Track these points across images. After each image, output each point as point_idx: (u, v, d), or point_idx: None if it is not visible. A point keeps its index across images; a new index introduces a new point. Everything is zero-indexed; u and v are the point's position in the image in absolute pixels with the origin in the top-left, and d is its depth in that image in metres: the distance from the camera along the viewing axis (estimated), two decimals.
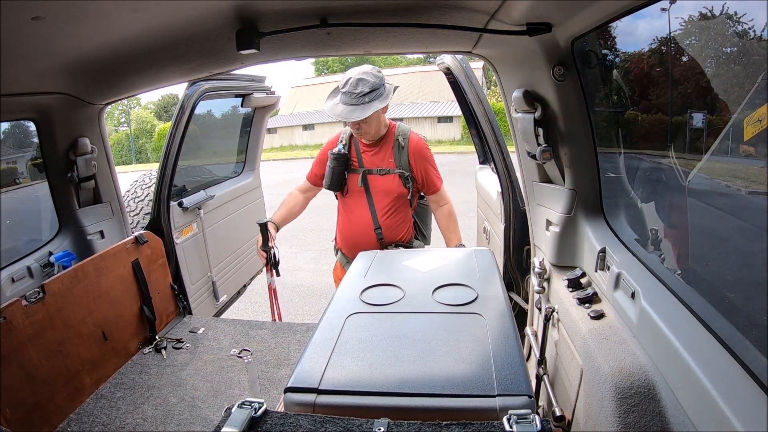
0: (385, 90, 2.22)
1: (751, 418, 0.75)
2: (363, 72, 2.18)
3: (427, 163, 2.38)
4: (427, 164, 2.38)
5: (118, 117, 36.54)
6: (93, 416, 1.72)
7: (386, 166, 2.35)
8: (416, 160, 2.34)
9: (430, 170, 2.38)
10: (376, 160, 2.36)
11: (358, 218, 2.37)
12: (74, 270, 1.89)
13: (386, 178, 2.34)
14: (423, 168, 2.36)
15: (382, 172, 2.35)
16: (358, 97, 2.14)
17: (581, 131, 1.49)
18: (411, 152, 2.34)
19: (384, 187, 2.34)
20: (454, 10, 1.39)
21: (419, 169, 2.35)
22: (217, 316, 3.16)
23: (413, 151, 2.34)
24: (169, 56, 1.76)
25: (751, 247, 1.06)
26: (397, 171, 2.33)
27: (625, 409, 1.05)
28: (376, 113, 2.21)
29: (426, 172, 2.37)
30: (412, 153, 2.34)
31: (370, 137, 2.32)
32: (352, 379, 1.03)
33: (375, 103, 2.15)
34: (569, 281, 1.55)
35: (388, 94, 2.22)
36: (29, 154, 2.28)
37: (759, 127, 0.89)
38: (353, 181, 2.37)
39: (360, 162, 2.38)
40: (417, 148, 2.35)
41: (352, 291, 1.43)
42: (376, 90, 2.17)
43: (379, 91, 2.18)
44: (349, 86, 2.16)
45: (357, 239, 2.37)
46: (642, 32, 1.31)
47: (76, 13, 1.25)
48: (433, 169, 2.40)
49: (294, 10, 1.42)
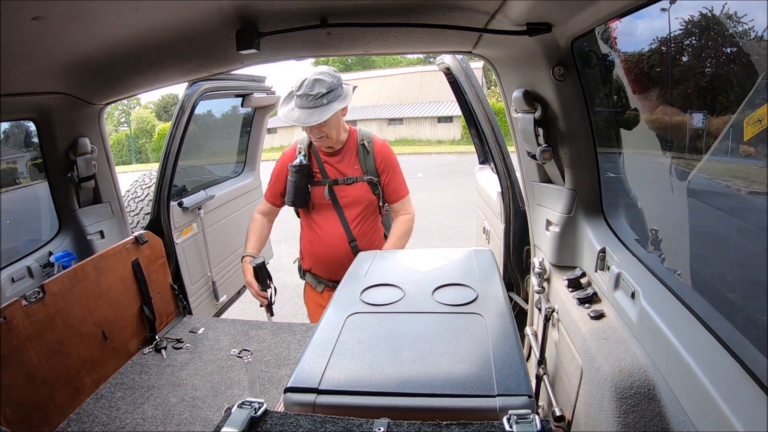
0: (343, 90, 2.08)
1: (751, 418, 0.75)
2: (319, 72, 2.03)
3: (393, 168, 2.25)
4: (394, 172, 2.25)
5: (118, 117, 36.56)
6: (93, 416, 1.72)
7: (353, 173, 2.21)
8: (384, 166, 2.22)
9: (396, 176, 2.26)
10: (340, 168, 2.21)
11: (330, 233, 2.22)
12: (74, 270, 1.89)
13: (354, 186, 2.20)
14: (389, 173, 2.24)
15: (349, 181, 2.20)
16: (315, 99, 1.98)
17: (581, 131, 1.49)
18: (377, 157, 2.22)
19: (353, 197, 2.20)
20: (454, 10, 1.39)
21: (386, 174, 2.23)
22: (217, 316, 3.16)
23: (379, 155, 2.22)
24: (169, 56, 1.76)
25: (751, 247, 1.06)
26: (366, 178, 2.20)
27: (625, 409, 1.05)
28: (337, 117, 2.08)
29: (392, 178, 2.24)
30: (378, 157, 2.22)
31: (332, 143, 2.15)
32: (352, 379, 1.03)
33: (334, 104, 2.00)
34: (569, 281, 1.56)
35: (346, 95, 2.09)
36: (29, 154, 2.28)
37: (759, 127, 0.89)
38: (319, 194, 2.21)
39: (323, 172, 2.21)
40: (383, 153, 2.23)
41: (352, 291, 1.43)
42: (334, 91, 2.02)
43: (336, 92, 2.03)
44: (304, 88, 1.99)
45: (331, 256, 2.22)
46: (642, 32, 1.31)
47: (76, 13, 1.25)
48: (400, 175, 2.28)
49: (294, 10, 1.42)
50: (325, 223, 2.23)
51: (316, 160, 2.24)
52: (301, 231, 2.35)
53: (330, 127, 2.08)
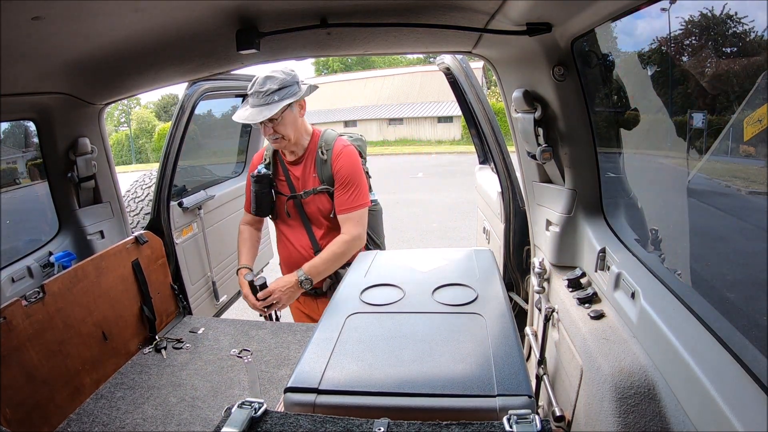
0: (299, 88, 1.99)
1: (751, 418, 0.75)
2: (272, 71, 1.97)
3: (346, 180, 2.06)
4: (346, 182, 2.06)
5: (118, 117, 36.57)
6: (93, 416, 1.72)
7: (312, 184, 2.10)
8: (338, 176, 2.07)
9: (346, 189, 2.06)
10: (302, 178, 2.12)
11: (296, 244, 2.18)
12: (74, 270, 1.89)
13: (314, 198, 2.11)
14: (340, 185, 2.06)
15: (307, 194, 2.11)
16: (266, 95, 1.92)
17: (581, 131, 1.49)
18: (333, 165, 2.07)
19: (314, 208, 2.12)
20: (454, 10, 1.39)
21: (337, 185, 2.08)
22: (217, 316, 3.16)
23: (336, 164, 2.07)
24: (169, 56, 1.76)
25: (751, 247, 1.06)
26: (321, 188, 2.08)
27: (625, 409, 1.05)
28: (291, 117, 2.00)
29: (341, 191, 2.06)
30: (334, 166, 2.07)
31: (290, 146, 2.06)
32: (352, 379, 1.03)
33: (286, 100, 1.93)
34: (569, 281, 1.56)
35: (302, 93, 2.01)
36: (29, 154, 2.28)
37: (759, 127, 0.89)
38: (283, 204, 2.16)
39: (288, 181, 2.14)
40: (340, 162, 2.07)
41: (352, 291, 1.43)
42: (287, 87, 1.94)
43: (290, 89, 1.96)
44: (256, 86, 1.94)
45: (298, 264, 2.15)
46: (642, 32, 1.31)
47: (76, 13, 1.25)
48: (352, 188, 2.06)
49: (294, 10, 1.42)
50: (292, 233, 2.21)
51: (282, 167, 2.16)
52: (277, 240, 2.32)
53: (285, 126, 1.99)
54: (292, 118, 2.01)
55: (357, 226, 2.11)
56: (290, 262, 2.25)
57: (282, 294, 2.09)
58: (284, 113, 1.98)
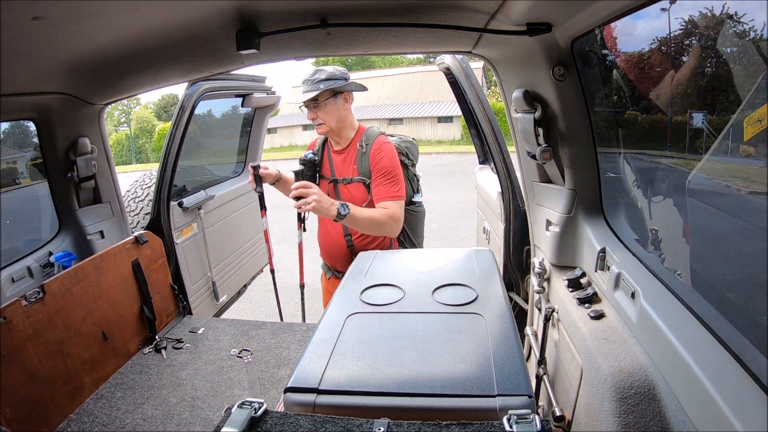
0: (345, 82, 2.17)
1: (751, 418, 0.75)
2: (325, 66, 2.19)
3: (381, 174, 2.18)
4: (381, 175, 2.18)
5: (118, 117, 36.58)
6: (93, 416, 1.72)
7: (350, 174, 2.25)
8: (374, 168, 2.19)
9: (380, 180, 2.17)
10: (343, 167, 2.27)
11: (330, 227, 2.31)
12: (74, 270, 1.89)
13: (350, 187, 2.24)
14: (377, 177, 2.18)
15: (345, 182, 2.25)
16: (314, 83, 2.14)
17: (581, 131, 1.49)
18: (372, 158, 2.20)
19: (351, 196, 2.23)
20: (454, 10, 1.39)
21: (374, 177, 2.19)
22: (217, 316, 3.16)
23: (373, 158, 2.20)
24: (169, 56, 1.76)
25: (751, 247, 1.06)
26: (359, 179, 2.22)
27: (625, 409, 1.05)
28: (334, 106, 2.17)
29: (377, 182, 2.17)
30: (372, 159, 2.20)
31: (331, 135, 2.25)
32: (352, 379, 1.03)
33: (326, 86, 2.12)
34: (569, 281, 1.55)
35: (348, 86, 2.18)
36: (29, 154, 2.28)
37: (759, 127, 0.89)
38: (324, 189, 2.27)
39: (331, 169, 2.30)
40: (377, 156, 2.19)
41: (352, 291, 1.43)
42: (334, 80, 2.14)
43: (336, 81, 2.15)
44: (307, 76, 2.18)
45: (329, 247, 2.33)
46: (642, 32, 1.31)
47: (76, 13, 1.25)
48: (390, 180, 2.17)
49: (294, 10, 1.42)
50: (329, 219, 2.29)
51: (328, 156, 2.33)
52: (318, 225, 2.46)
53: (326, 113, 2.16)
54: (334, 107, 2.17)
55: (396, 213, 2.18)
56: (323, 242, 2.38)
57: (319, 196, 2.05)
58: (327, 100, 2.15)
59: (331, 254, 2.35)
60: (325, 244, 2.38)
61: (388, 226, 2.16)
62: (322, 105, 2.15)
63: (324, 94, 2.14)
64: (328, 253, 2.38)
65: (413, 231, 2.44)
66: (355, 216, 2.08)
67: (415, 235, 2.47)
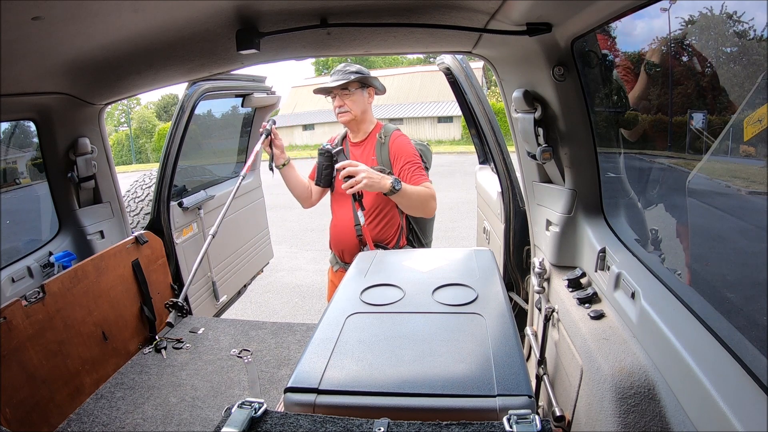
0: (372, 80, 2.29)
1: (751, 418, 0.75)
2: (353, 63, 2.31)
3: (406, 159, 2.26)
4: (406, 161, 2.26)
5: (118, 117, 36.58)
6: (93, 416, 1.72)
7: (370, 163, 2.26)
8: (395, 157, 2.27)
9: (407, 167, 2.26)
10: (362, 157, 2.33)
11: (342, 216, 2.35)
12: (74, 270, 1.89)
13: None
14: (401, 164, 2.26)
15: None
16: (345, 73, 2.24)
17: (581, 131, 1.49)
18: (391, 148, 2.28)
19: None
20: (454, 10, 1.39)
21: (397, 165, 2.26)
22: (217, 316, 3.16)
23: (392, 146, 2.29)
24: (169, 56, 1.76)
25: (751, 247, 1.06)
26: (379, 168, 2.24)
27: (625, 409, 1.05)
28: (361, 97, 2.27)
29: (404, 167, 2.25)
30: (392, 149, 2.28)
31: (353, 124, 2.32)
32: (352, 379, 1.03)
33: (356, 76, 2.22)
34: (569, 281, 1.55)
35: (375, 82, 2.30)
36: (29, 154, 2.28)
37: (759, 127, 0.89)
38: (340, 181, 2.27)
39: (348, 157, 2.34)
40: (397, 144, 2.29)
41: (352, 291, 1.43)
42: (363, 75, 2.26)
43: (365, 76, 2.26)
44: (338, 68, 2.29)
45: (340, 238, 2.36)
46: (642, 32, 1.31)
47: (76, 13, 1.25)
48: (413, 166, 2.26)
49: (294, 10, 1.42)
50: (340, 208, 2.36)
51: (346, 149, 2.38)
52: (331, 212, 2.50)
53: (353, 101, 2.26)
54: (361, 97, 2.28)
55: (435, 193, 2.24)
56: (334, 234, 2.41)
57: (368, 172, 2.07)
58: (355, 90, 2.26)
59: (341, 243, 2.37)
60: (335, 233, 2.41)
61: (430, 205, 2.22)
62: (351, 94, 2.25)
63: (354, 84, 2.24)
64: (337, 242, 2.40)
65: (423, 231, 2.49)
66: (407, 191, 2.13)
67: (425, 235, 2.51)
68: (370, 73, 2.34)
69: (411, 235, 2.44)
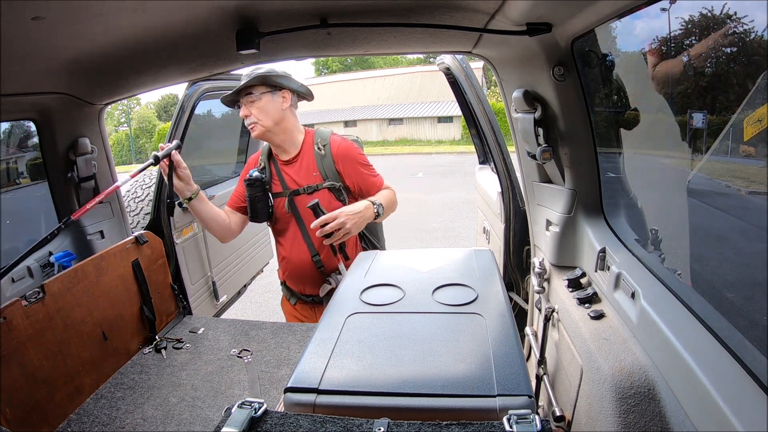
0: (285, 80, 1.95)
1: (751, 418, 0.75)
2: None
3: (358, 164, 2.03)
4: (358, 166, 2.03)
5: (118, 117, 36.60)
6: (93, 416, 1.72)
7: (313, 181, 2.02)
8: (343, 166, 2.01)
9: (362, 172, 2.03)
10: (300, 177, 2.04)
11: (293, 247, 2.11)
12: (74, 270, 1.89)
13: (314, 196, 2.01)
14: (354, 171, 2.02)
15: (310, 190, 2.02)
16: (248, 77, 1.93)
17: (581, 131, 1.49)
18: (335, 158, 2.00)
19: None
20: (454, 10, 1.39)
21: (350, 175, 2.02)
22: (217, 316, 3.16)
23: (337, 155, 2.01)
24: (169, 56, 1.76)
25: (751, 247, 1.06)
26: (326, 184, 2.00)
27: (625, 409, 1.05)
28: (271, 102, 1.94)
29: (359, 176, 2.03)
30: (336, 158, 2.00)
31: (262, 132, 1.98)
32: (352, 379, 1.03)
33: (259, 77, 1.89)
34: (569, 281, 1.56)
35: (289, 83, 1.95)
36: (29, 154, 2.28)
37: (759, 127, 0.89)
38: (280, 206, 2.07)
39: (282, 182, 2.07)
40: (341, 152, 2.01)
41: (352, 291, 1.43)
42: (272, 75, 1.93)
43: (275, 77, 1.93)
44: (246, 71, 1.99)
45: (295, 271, 2.14)
46: (642, 32, 1.31)
47: (76, 13, 1.25)
48: (367, 170, 2.06)
49: (294, 10, 1.42)
50: (289, 236, 2.13)
51: (276, 169, 2.10)
52: (275, 243, 2.26)
53: (260, 110, 1.93)
54: (271, 104, 1.94)
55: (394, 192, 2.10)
56: (286, 266, 2.18)
57: (346, 214, 1.86)
58: (262, 95, 1.93)
59: (298, 277, 2.16)
60: (289, 268, 2.17)
61: (396, 204, 2.11)
62: (257, 100, 1.93)
63: (259, 87, 1.92)
64: (293, 276, 2.18)
65: (374, 235, 2.30)
66: (384, 205, 1.97)
67: (377, 238, 2.34)
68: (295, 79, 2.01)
69: (364, 242, 2.25)
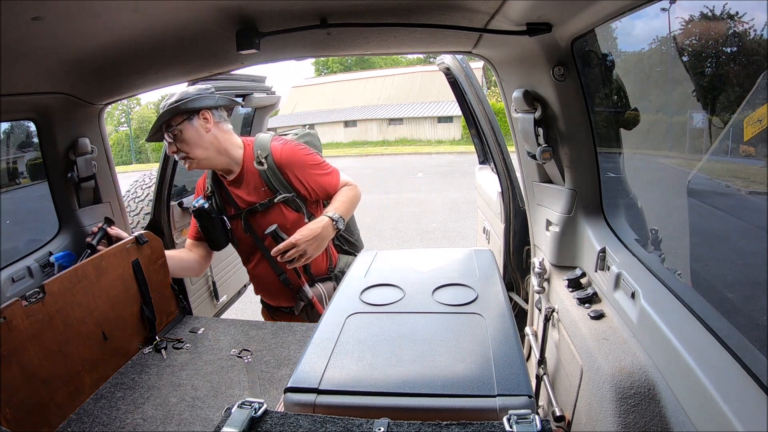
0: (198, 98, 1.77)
1: (751, 418, 0.75)
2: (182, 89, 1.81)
3: (306, 168, 1.87)
4: (307, 169, 1.87)
5: (118, 117, 36.61)
6: (93, 416, 1.72)
7: (263, 197, 1.87)
8: (291, 174, 1.86)
9: (313, 175, 1.88)
10: (249, 195, 1.90)
11: (258, 268, 2.04)
12: (74, 270, 1.89)
13: (269, 213, 1.90)
14: (304, 177, 1.86)
15: (263, 207, 1.89)
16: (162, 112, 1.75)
17: (581, 131, 1.49)
18: (279, 168, 1.84)
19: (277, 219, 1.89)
20: (454, 10, 1.39)
21: (301, 180, 1.87)
22: (217, 316, 3.16)
23: (280, 164, 1.85)
24: (169, 56, 1.76)
25: (751, 247, 1.06)
26: (278, 199, 1.86)
27: (625, 409, 1.05)
28: (192, 131, 1.76)
29: (311, 180, 1.88)
30: (281, 168, 1.85)
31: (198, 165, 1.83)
32: (352, 379, 1.03)
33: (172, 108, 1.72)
34: (569, 281, 1.56)
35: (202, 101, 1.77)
36: (30, 154, 2.28)
37: (759, 127, 0.89)
38: (237, 229, 1.97)
39: (234, 204, 1.94)
40: (284, 159, 1.85)
41: (352, 291, 1.43)
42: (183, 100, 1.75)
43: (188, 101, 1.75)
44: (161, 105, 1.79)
45: (266, 288, 2.09)
46: (641, 32, 1.31)
47: (76, 13, 1.25)
48: (319, 169, 1.90)
49: (294, 10, 1.42)
50: (253, 257, 2.06)
51: (224, 191, 1.98)
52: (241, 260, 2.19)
53: (185, 143, 1.77)
54: (193, 131, 1.79)
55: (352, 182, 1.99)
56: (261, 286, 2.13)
57: (305, 239, 1.77)
58: (181, 125, 1.77)
59: (269, 294, 2.14)
60: (259, 285, 2.13)
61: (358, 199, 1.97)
62: (178, 132, 1.77)
63: (175, 119, 1.76)
64: (264, 292, 2.15)
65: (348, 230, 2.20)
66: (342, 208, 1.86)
67: (351, 233, 2.26)
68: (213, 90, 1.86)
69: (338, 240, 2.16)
